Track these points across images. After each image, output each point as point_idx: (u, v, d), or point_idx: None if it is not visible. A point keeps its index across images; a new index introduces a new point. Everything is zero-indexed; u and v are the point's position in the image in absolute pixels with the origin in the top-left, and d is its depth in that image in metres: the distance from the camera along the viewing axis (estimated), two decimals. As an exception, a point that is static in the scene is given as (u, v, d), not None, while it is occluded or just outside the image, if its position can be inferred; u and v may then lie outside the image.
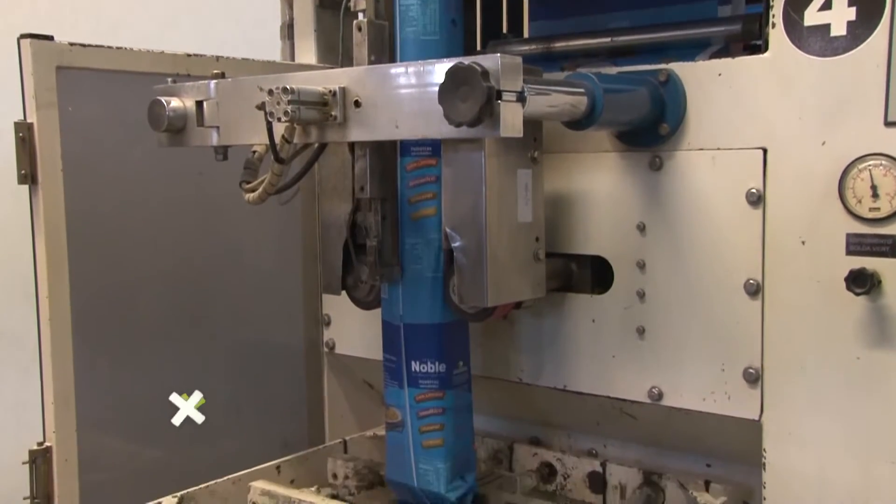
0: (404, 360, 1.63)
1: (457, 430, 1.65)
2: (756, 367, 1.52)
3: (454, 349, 1.65)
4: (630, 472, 1.82)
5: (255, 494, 1.75)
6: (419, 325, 1.62)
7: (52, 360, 1.63)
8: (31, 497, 1.64)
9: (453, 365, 1.64)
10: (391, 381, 1.66)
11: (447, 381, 1.63)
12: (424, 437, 1.63)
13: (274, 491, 1.72)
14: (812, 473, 1.46)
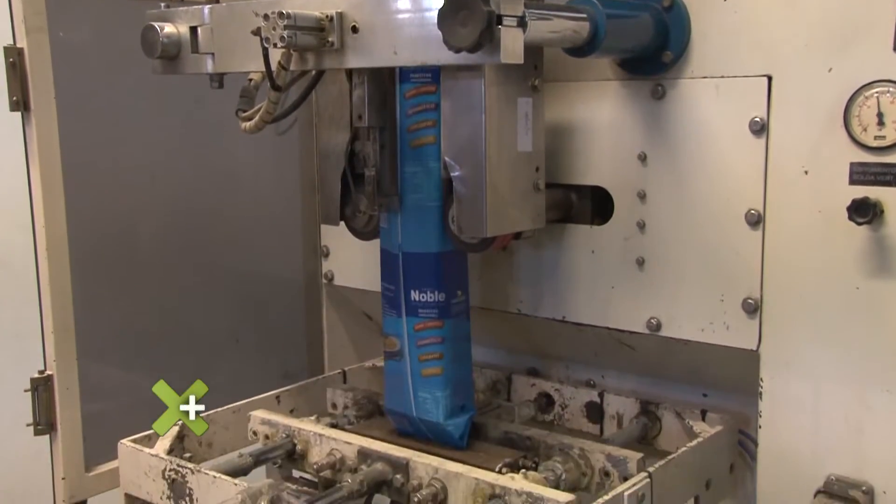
0: (403, 289, 1.63)
1: (455, 359, 1.65)
2: (755, 297, 1.51)
3: (453, 278, 1.65)
4: (627, 402, 1.84)
5: (256, 423, 1.76)
6: (418, 253, 1.61)
7: (50, 289, 1.63)
8: (34, 424, 1.65)
9: (452, 294, 1.64)
10: (390, 310, 1.66)
11: (446, 310, 1.63)
12: (423, 365, 1.64)
13: (273, 420, 1.74)
14: (808, 402, 1.48)
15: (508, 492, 1.39)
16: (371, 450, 1.58)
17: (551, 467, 1.57)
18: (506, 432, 1.71)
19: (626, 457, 1.56)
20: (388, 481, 1.54)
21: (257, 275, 2.14)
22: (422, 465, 1.51)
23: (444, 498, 1.47)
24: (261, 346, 2.14)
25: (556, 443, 1.64)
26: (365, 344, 2.25)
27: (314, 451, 1.66)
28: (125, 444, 1.62)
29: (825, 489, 1.43)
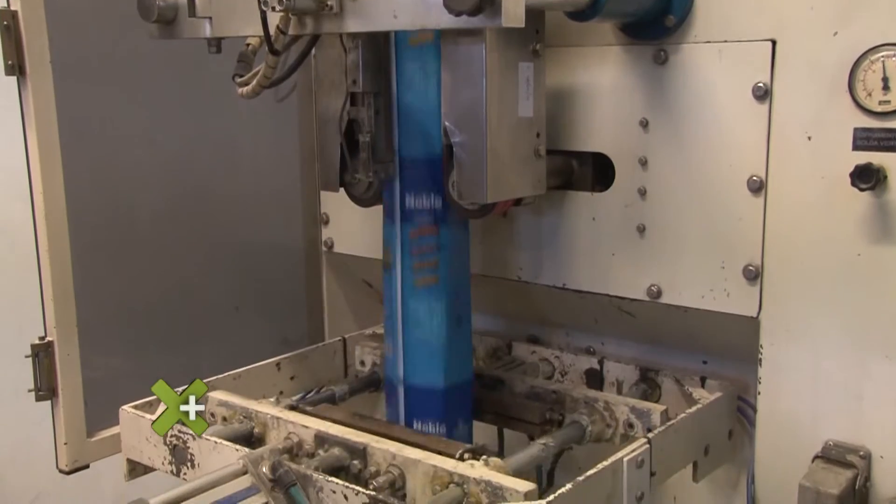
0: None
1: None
2: (756, 264, 1.51)
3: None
4: (627, 369, 1.84)
5: (213, 405, 1.68)
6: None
7: (49, 256, 1.62)
8: (35, 390, 1.66)
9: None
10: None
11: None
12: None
13: (231, 401, 1.67)
14: (808, 369, 1.48)
15: (467, 480, 1.34)
16: (328, 434, 1.50)
17: (577, 419, 1.61)
18: (532, 387, 1.74)
19: (649, 409, 1.59)
20: (346, 467, 1.47)
21: (257, 242, 2.14)
22: (379, 451, 1.44)
23: (403, 485, 1.42)
24: (261, 313, 2.14)
25: (582, 396, 1.67)
26: (365, 311, 2.25)
27: (272, 434, 1.59)
28: (126, 410, 1.63)
29: (823, 454, 1.44)
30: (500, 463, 1.41)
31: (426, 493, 1.39)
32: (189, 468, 1.53)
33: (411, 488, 1.41)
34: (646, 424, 1.59)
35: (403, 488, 1.42)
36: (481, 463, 1.39)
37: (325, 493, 1.33)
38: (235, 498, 1.31)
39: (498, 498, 1.30)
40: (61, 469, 1.70)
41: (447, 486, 1.36)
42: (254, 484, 1.34)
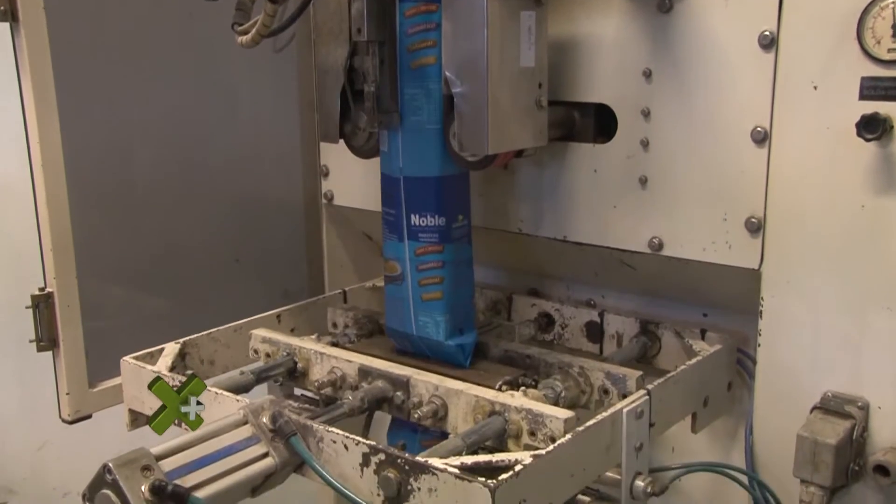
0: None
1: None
2: (759, 216, 1.50)
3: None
4: (627, 322, 1.84)
5: (257, 342, 1.78)
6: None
7: (47, 206, 1.61)
8: (36, 340, 1.66)
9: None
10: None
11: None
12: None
13: (275, 338, 1.75)
14: (808, 321, 1.48)
15: (508, 408, 1.41)
16: (372, 367, 1.59)
17: (551, 385, 1.58)
18: (506, 351, 1.72)
19: (624, 374, 1.57)
20: (389, 398, 1.56)
21: (256, 195, 2.12)
22: (422, 383, 1.53)
23: (445, 415, 1.49)
24: (261, 265, 2.14)
25: (556, 361, 1.65)
26: (365, 264, 2.25)
27: (315, 369, 1.69)
28: (127, 361, 1.63)
29: (821, 405, 1.45)
30: (538, 393, 1.49)
31: (468, 422, 1.46)
32: (190, 418, 1.54)
33: (453, 418, 1.48)
34: (621, 390, 1.56)
35: (445, 418, 1.48)
36: (520, 393, 1.47)
37: (326, 443, 1.33)
38: (236, 447, 1.32)
39: (539, 425, 1.36)
40: (64, 419, 1.71)
41: (489, 415, 1.43)
42: (254, 434, 1.35)
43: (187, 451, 1.28)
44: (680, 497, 1.84)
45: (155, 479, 1.18)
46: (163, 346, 1.69)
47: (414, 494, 1.23)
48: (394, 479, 1.25)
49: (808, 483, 1.38)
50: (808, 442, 1.37)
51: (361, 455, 1.28)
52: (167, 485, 1.18)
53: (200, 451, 1.29)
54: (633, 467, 1.40)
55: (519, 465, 1.20)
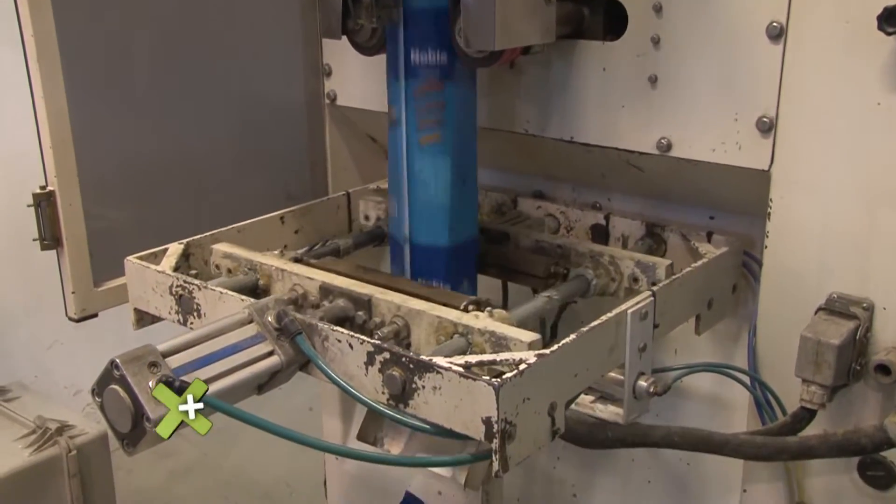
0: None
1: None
2: (770, 115, 1.47)
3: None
4: (633, 225, 1.83)
5: (218, 257, 1.69)
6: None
7: (45, 102, 1.58)
8: (39, 239, 1.66)
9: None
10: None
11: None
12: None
13: (236, 254, 1.67)
14: (817, 222, 1.46)
15: (471, 330, 1.35)
16: (333, 286, 1.51)
17: (582, 273, 1.60)
18: (537, 241, 1.74)
19: (654, 263, 1.59)
20: (351, 318, 1.49)
21: (258, 94, 2.08)
22: (384, 303, 1.45)
23: (407, 335, 1.44)
24: (263, 167, 2.12)
25: (587, 250, 1.66)
26: (369, 166, 2.22)
27: (276, 286, 1.61)
28: (131, 260, 1.63)
29: (826, 306, 1.44)
30: (505, 314, 1.41)
31: (430, 343, 1.40)
32: (195, 318, 1.55)
33: (416, 339, 1.43)
34: (650, 279, 1.60)
35: (408, 339, 1.44)
36: (486, 314, 1.40)
37: (331, 342, 1.34)
38: (241, 346, 1.33)
39: (502, 348, 1.31)
40: (70, 317, 1.73)
41: (451, 336, 1.38)
42: (259, 332, 1.35)
43: (193, 349, 1.29)
44: (682, 398, 1.86)
45: (162, 375, 1.19)
46: (166, 247, 1.68)
47: (418, 393, 1.24)
48: (398, 378, 1.26)
49: (809, 382, 1.39)
50: (812, 342, 1.38)
51: (366, 354, 1.29)
52: (174, 381, 1.19)
53: (206, 348, 1.30)
54: (637, 368, 1.41)
55: (523, 364, 1.21)
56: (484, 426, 1.17)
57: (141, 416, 1.17)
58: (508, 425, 1.17)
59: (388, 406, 1.28)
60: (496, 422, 1.16)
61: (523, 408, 1.20)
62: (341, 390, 1.30)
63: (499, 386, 1.15)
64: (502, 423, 1.16)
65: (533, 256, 1.74)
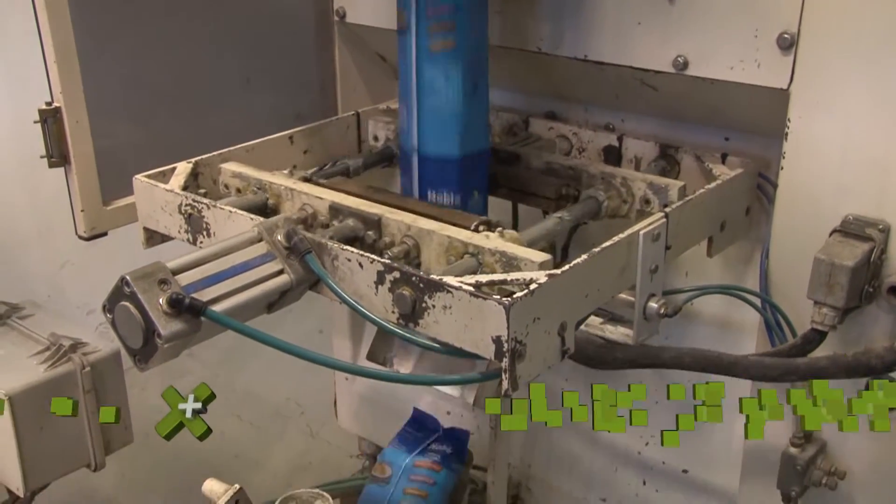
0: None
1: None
2: (792, 32, 1.43)
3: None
4: (646, 146, 1.80)
5: (227, 176, 1.68)
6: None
7: (48, 17, 1.55)
8: (47, 156, 1.64)
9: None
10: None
11: None
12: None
13: (245, 173, 1.65)
14: (836, 143, 1.44)
15: (482, 250, 1.34)
16: (343, 205, 1.50)
17: (593, 194, 1.58)
18: (548, 163, 1.71)
19: (667, 185, 1.57)
20: (360, 238, 1.48)
21: (266, 12, 2.04)
22: (394, 222, 1.44)
23: (417, 255, 1.43)
24: (271, 86, 2.08)
25: (598, 172, 1.64)
26: (378, 85, 2.19)
27: (286, 205, 1.59)
28: (140, 179, 1.62)
29: (841, 228, 1.43)
30: (515, 235, 1.41)
31: (440, 263, 1.40)
32: (205, 237, 1.54)
33: (426, 259, 1.42)
34: (662, 201, 1.58)
35: (418, 259, 1.43)
36: (496, 234, 1.39)
37: (340, 261, 1.34)
38: (251, 264, 1.32)
39: (512, 268, 1.31)
40: (80, 235, 1.72)
41: (462, 256, 1.37)
42: (269, 251, 1.35)
43: (203, 267, 1.28)
44: (692, 321, 1.86)
45: (172, 292, 1.19)
46: (174, 166, 1.67)
47: (428, 312, 1.24)
48: (408, 297, 1.25)
49: (821, 304, 1.39)
50: (825, 264, 1.37)
51: (376, 273, 1.29)
52: (184, 298, 1.19)
53: (216, 266, 1.29)
54: (647, 289, 1.41)
55: (534, 283, 1.20)
56: (494, 345, 1.17)
57: (152, 332, 1.17)
58: (518, 344, 1.17)
59: (398, 325, 1.28)
60: (506, 341, 1.16)
61: (533, 327, 1.20)
62: (351, 310, 1.30)
63: (509, 305, 1.14)
64: (512, 343, 1.16)
65: (544, 178, 1.72)
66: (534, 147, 1.87)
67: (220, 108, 1.98)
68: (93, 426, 1.83)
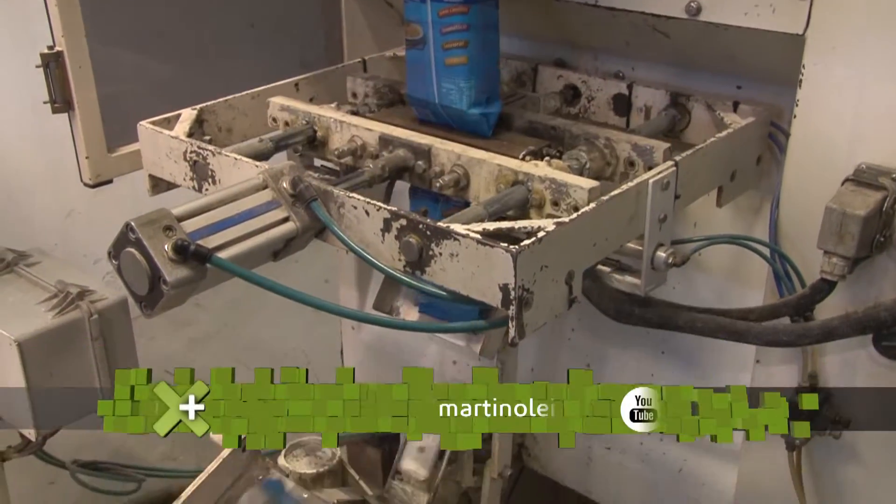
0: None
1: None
2: (808, -25, 1.40)
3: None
4: (657, 94, 1.77)
5: (275, 110, 1.73)
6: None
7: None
8: (50, 102, 1.63)
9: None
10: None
11: None
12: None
13: (293, 106, 1.70)
14: (851, 89, 1.40)
15: (532, 178, 1.38)
16: (393, 136, 1.55)
17: (576, 156, 1.53)
18: (530, 122, 1.67)
19: (651, 146, 1.52)
20: (410, 168, 1.53)
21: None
22: (444, 152, 1.49)
23: (467, 184, 1.47)
24: (277, 33, 2.06)
25: (581, 132, 1.60)
26: (385, 32, 2.15)
27: (335, 137, 1.65)
28: (144, 125, 1.61)
29: (854, 177, 1.41)
30: (563, 164, 1.46)
31: (490, 191, 1.43)
32: (210, 184, 1.53)
33: (475, 188, 1.46)
34: (647, 163, 1.51)
35: (467, 188, 1.46)
36: (544, 163, 1.43)
37: (347, 208, 1.33)
38: (256, 211, 1.32)
39: (562, 195, 1.34)
40: (86, 183, 1.72)
41: (511, 184, 1.40)
42: (274, 198, 1.34)
43: (208, 214, 1.28)
44: (699, 271, 1.85)
45: (178, 238, 1.19)
46: (179, 112, 1.65)
47: (435, 260, 1.24)
48: (415, 245, 1.25)
49: (830, 254, 1.37)
50: (836, 213, 1.35)
51: (383, 220, 1.28)
52: (190, 244, 1.19)
53: (221, 213, 1.29)
54: (656, 238, 1.39)
55: (542, 231, 1.19)
56: (501, 293, 1.17)
57: (157, 278, 1.17)
58: (525, 292, 1.17)
59: (405, 273, 1.28)
60: (513, 289, 1.15)
61: (541, 275, 1.19)
62: (358, 259, 1.30)
63: (517, 253, 1.14)
64: (519, 291, 1.16)
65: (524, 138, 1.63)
66: (518, 105, 1.81)
67: (225, 55, 1.96)
68: (101, 372, 1.84)
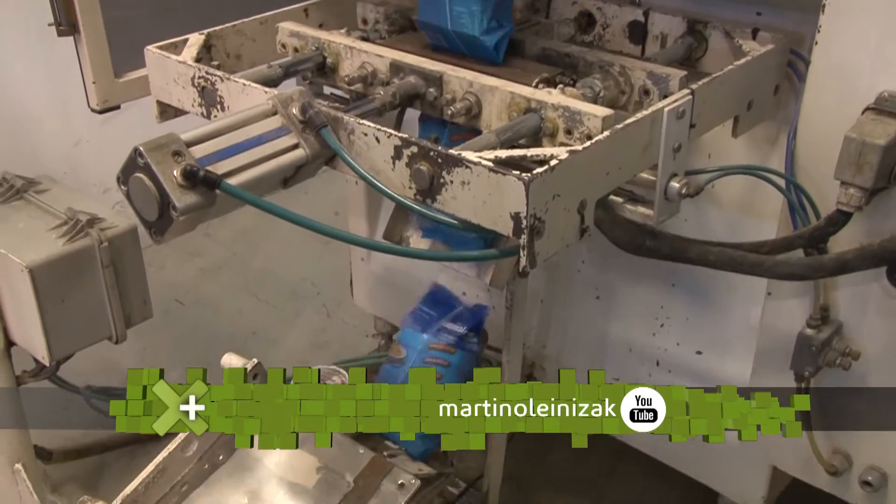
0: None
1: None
2: None
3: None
4: (674, 21, 1.73)
5: (284, 35, 1.70)
6: None
7: None
8: (55, 24, 1.60)
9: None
10: None
11: None
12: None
13: (303, 32, 1.67)
14: (877, 14, 1.35)
15: (545, 106, 1.36)
16: (404, 63, 1.53)
17: (590, 84, 1.51)
18: (544, 49, 1.64)
19: (668, 74, 1.49)
20: (422, 94, 1.51)
21: None
22: (456, 79, 1.47)
23: (479, 112, 1.45)
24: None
25: (596, 60, 1.57)
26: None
27: (345, 64, 1.62)
28: (151, 50, 1.58)
29: (875, 105, 1.37)
30: (576, 92, 1.43)
31: (502, 119, 1.42)
32: (218, 110, 1.51)
33: (486, 115, 1.44)
34: (663, 91, 1.49)
35: (479, 115, 1.45)
36: (558, 91, 1.41)
37: (357, 135, 1.31)
38: (266, 137, 1.30)
39: (575, 123, 1.32)
40: (93, 108, 1.70)
41: (524, 112, 1.39)
42: (284, 125, 1.32)
43: (217, 140, 1.26)
44: (712, 203, 1.83)
45: (187, 164, 1.18)
46: (186, 37, 1.62)
47: (446, 188, 1.22)
48: (426, 172, 1.23)
49: (847, 184, 1.35)
50: (856, 143, 1.32)
51: (393, 147, 1.26)
52: (199, 170, 1.18)
53: (230, 139, 1.27)
54: (670, 168, 1.37)
55: (554, 159, 1.18)
56: (512, 222, 1.16)
57: (167, 204, 1.17)
58: (537, 221, 1.16)
59: (416, 201, 1.27)
60: (525, 217, 1.14)
61: (553, 204, 1.18)
62: (368, 188, 1.29)
63: (529, 181, 1.12)
64: (531, 219, 1.15)
65: (537, 65, 1.60)
66: (531, 31, 1.77)
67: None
68: (112, 300, 1.85)
